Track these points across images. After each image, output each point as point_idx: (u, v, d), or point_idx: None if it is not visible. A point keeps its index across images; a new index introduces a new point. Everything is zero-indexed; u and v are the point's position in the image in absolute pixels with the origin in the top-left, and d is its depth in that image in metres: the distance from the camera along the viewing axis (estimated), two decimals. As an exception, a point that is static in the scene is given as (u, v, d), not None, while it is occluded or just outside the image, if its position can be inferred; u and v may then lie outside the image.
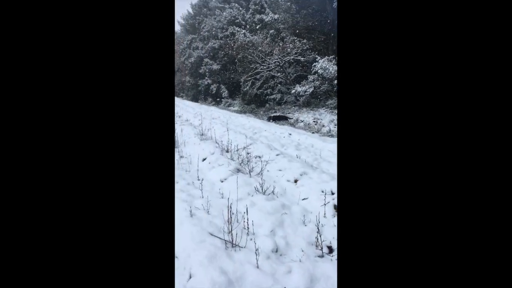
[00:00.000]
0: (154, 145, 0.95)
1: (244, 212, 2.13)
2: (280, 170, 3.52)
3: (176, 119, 8.82)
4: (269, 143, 5.19)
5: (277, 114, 10.88)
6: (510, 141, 0.80)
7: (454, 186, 0.83)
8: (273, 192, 2.79)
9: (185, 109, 12.44)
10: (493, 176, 0.81)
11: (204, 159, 4.12)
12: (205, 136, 5.52)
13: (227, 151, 4.38)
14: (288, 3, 13.95)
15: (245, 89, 14.31)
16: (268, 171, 3.49)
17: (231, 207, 2.11)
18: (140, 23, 0.94)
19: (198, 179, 3.28)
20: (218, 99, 18.61)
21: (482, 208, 0.81)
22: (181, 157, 4.39)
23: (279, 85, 12.74)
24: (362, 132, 0.90)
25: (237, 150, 4.44)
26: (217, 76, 19.03)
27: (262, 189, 2.77)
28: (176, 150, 4.82)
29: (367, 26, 0.90)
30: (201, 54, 20.03)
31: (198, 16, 23.38)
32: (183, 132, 6.01)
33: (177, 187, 2.87)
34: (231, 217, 2.04)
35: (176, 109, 11.54)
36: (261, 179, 2.87)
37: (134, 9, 0.93)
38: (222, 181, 3.18)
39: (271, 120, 9.89)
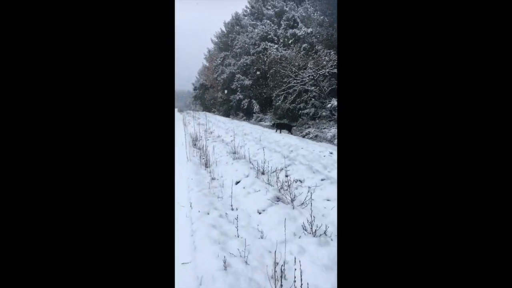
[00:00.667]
0: (155, 148, 0.94)
1: (295, 269, 1.59)
2: (328, 200, 2.93)
3: (208, 135, 8.63)
4: (309, 163, 4.61)
5: (282, 121, 10.84)
6: (510, 141, 0.80)
7: (453, 187, 0.83)
8: (325, 232, 2.21)
9: (216, 124, 12.34)
10: (491, 179, 0.81)
11: (237, 182, 3.67)
12: (238, 155, 5.11)
13: (263, 173, 3.90)
14: (321, 17, 13.58)
15: (277, 103, 13.96)
16: (313, 200, 2.92)
17: (276, 261, 1.59)
18: (141, 27, 0.93)
19: (232, 209, 2.82)
20: (249, 114, 18.48)
21: (480, 209, 0.81)
22: (213, 179, 3.99)
23: (313, 99, 12.15)
24: (362, 133, 0.90)
25: (274, 172, 3.94)
26: (249, 91, 19.02)
27: (311, 228, 2.21)
28: (207, 170, 4.46)
29: (367, 26, 0.90)
30: (233, 70, 20.29)
31: (231, 34, 24.02)
32: (215, 150, 5.68)
33: (208, 220, 2.42)
34: (279, 274, 1.51)
35: (208, 125, 11.46)
36: (311, 216, 2.31)
37: (135, 13, 0.92)
38: (259, 213, 2.68)
39: (276, 130, 9.77)
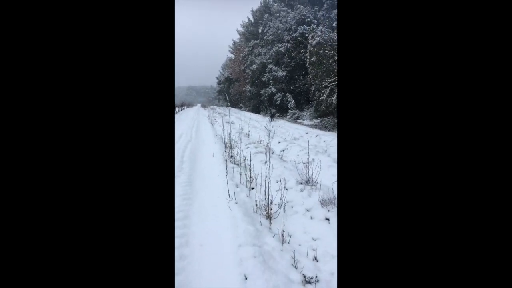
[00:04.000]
0: (154, 147, 0.93)
1: None
2: None
3: (244, 139, 6.38)
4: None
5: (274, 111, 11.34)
6: (509, 141, 0.79)
7: (453, 186, 0.82)
8: None
9: (249, 123, 10.09)
10: (492, 179, 0.80)
11: None
12: (322, 192, 2.76)
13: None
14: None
15: (321, 98, 11.41)
16: None
17: None
18: (141, 26, 0.92)
19: None
20: (282, 110, 16.07)
21: (481, 205, 0.80)
22: (308, 282, 1.66)
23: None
24: (363, 132, 0.90)
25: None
26: (282, 84, 16.56)
27: None
28: (274, 236, 2.15)
29: (367, 26, 0.90)
30: (265, 60, 17.88)
31: (261, 20, 21.56)
32: (272, 172, 3.32)
33: None
34: None
35: (240, 123, 9.25)
36: None
37: (135, 12, 0.92)
38: None
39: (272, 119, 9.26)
